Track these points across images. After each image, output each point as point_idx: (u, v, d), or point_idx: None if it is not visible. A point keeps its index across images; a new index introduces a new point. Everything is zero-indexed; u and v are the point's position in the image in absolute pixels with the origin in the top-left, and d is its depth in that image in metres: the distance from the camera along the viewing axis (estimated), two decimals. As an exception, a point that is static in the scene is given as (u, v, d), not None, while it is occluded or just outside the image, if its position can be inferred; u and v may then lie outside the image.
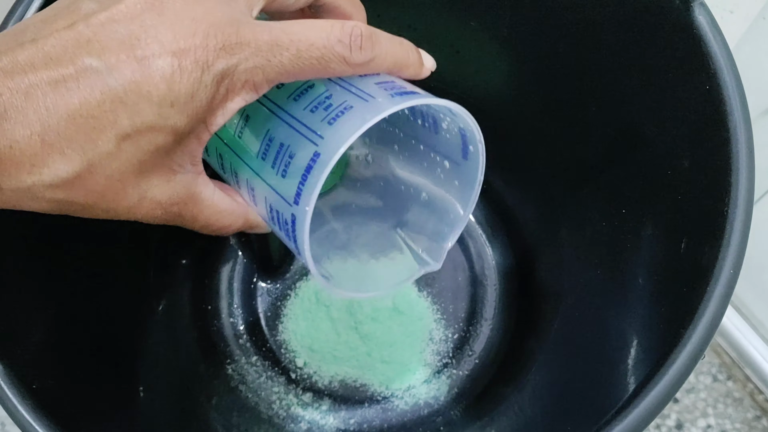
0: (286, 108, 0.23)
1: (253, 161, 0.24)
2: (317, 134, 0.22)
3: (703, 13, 0.26)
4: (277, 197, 0.23)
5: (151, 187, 0.21)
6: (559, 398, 0.35)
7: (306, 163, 0.22)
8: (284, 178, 0.23)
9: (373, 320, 0.47)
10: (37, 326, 0.28)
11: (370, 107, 0.21)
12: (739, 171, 0.25)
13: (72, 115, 0.18)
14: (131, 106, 0.19)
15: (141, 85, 0.19)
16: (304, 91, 0.23)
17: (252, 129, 0.24)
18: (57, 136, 0.19)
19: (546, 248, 0.44)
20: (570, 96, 0.35)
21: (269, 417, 0.44)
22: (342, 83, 0.23)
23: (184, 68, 0.19)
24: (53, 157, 0.19)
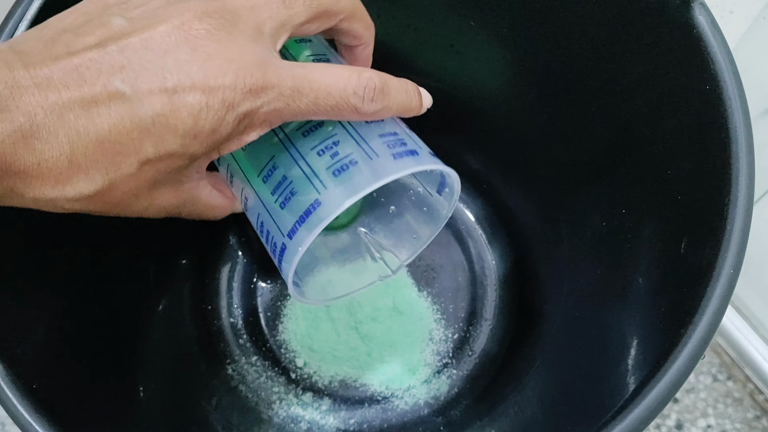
0: (295, 142, 0.24)
1: (254, 178, 0.25)
2: (321, 182, 0.23)
3: (703, 13, 0.26)
4: (271, 221, 0.25)
5: (161, 196, 0.23)
6: (559, 398, 0.35)
7: (306, 206, 0.23)
8: (282, 209, 0.24)
9: (373, 320, 0.47)
10: (37, 326, 0.28)
11: (373, 169, 0.23)
12: (739, 171, 0.25)
13: (101, 140, 0.19)
14: (157, 135, 0.20)
15: (169, 119, 0.20)
16: (314, 129, 0.24)
17: (258, 148, 0.25)
18: (84, 158, 0.19)
19: (546, 248, 0.44)
20: (570, 96, 0.35)
21: (269, 417, 0.44)
22: (350, 129, 0.24)
23: (211, 106, 0.20)
24: (78, 177, 0.20)
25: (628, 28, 0.29)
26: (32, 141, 0.19)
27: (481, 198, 0.50)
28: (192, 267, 0.46)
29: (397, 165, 0.24)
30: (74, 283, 0.32)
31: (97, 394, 0.31)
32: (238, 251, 0.49)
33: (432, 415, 0.45)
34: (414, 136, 0.26)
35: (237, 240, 0.49)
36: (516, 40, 0.36)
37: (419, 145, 0.26)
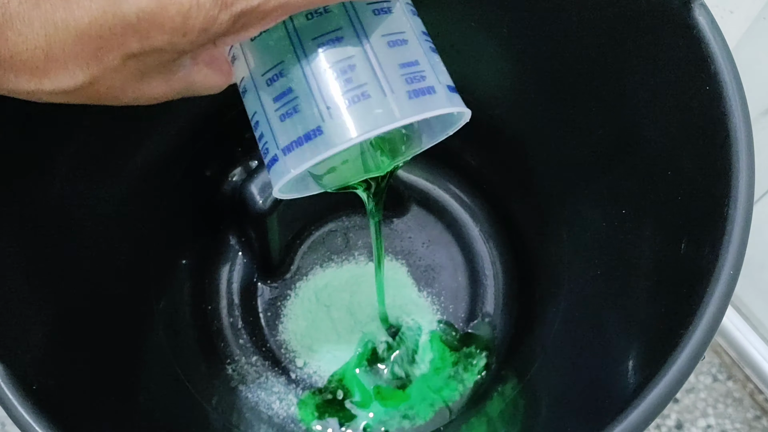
0: (308, 54, 0.22)
1: (258, 76, 0.23)
2: (328, 108, 0.22)
3: (703, 13, 0.26)
4: (267, 127, 0.23)
5: (151, 88, 0.21)
6: (559, 398, 0.35)
7: (307, 130, 0.22)
8: (281, 121, 0.23)
9: (373, 320, 0.47)
10: (37, 326, 0.28)
11: (385, 107, 0.22)
12: (739, 171, 0.25)
13: (80, 34, 0.18)
14: (142, 32, 0.19)
15: (155, 16, 0.18)
16: (331, 43, 0.22)
17: (267, 45, 0.23)
18: (62, 52, 0.18)
19: (546, 248, 0.44)
20: (570, 96, 0.35)
21: (269, 417, 0.44)
22: (369, 51, 0.22)
23: (202, 5, 0.19)
24: (56, 71, 0.19)
25: (628, 28, 0.29)
26: (5, 31, 0.18)
27: (481, 198, 0.50)
28: (192, 267, 0.46)
29: (411, 106, 0.22)
30: (74, 283, 0.32)
31: (97, 394, 0.31)
32: (238, 251, 0.49)
33: (432, 415, 0.45)
34: (435, 59, 0.24)
35: (237, 240, 0.49)
36: (516, 41, 0.36)
37: (438, 75, 0.24)
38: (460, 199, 0.50)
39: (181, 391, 0.39)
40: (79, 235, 0.33)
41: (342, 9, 0.23)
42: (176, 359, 0.40)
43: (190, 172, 0.43)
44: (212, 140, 0.43)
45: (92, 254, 0.34)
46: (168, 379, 0.39)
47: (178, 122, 0.40)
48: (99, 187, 0.35)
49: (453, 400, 0.45)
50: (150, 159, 0.39)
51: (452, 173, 0.51)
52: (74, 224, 0.33)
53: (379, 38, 0.23)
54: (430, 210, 0.51)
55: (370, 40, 0.23)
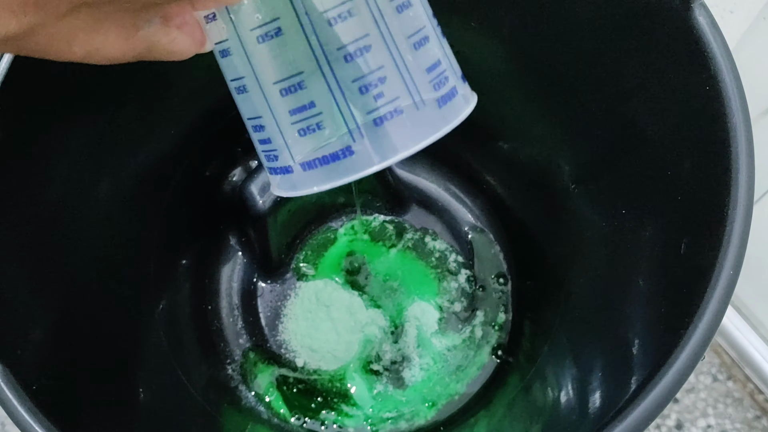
0: (334, 66, 0.20)
1: (268, 84, 0.21)
2: (359, 129, 0.20)
3: (703, 13, 0.26)
4: (280, 137, 0.21)
5: (106, 43, 0.18)
6: (558, 399, 0.35)
7: (335, 150, 0.20)
8: (301, 136, 0.21)
9: (373, 320, 0.47)
10: (37, 326, 0.28)
11: (418, 123, 0.20)
12: (739, 171, 0.25)
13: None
14: None
15: None
16: (359, 54, 0.20)
17: (283, 50, 0.20)
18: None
19: (546, 249, 0.44)
20: (570, 96, 0.35)
21: (269, 417, 0.44)
22: (397, 58, 0.21)
23: None
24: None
25: (629, 28, 0.29)
26: None
27: (481, 197, 0.50)
28: (192, 267, 0.46)
29: (441, 117, 0.21)
30: (74, 283, 0.32)
31: (97, 394, 0.31)
32: (238, 251, 0.49)
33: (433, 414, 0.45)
34: (445, 45, 0.23)
35: (237, 240, 0.49)
36: (516, 41, 0.36)
37: (454, 67, 0.23)
38: (460, 199, 0.50)
39: (181, 391, 0.39)
40: (79, 235, 0.33)
41: (368, 10, 0.20)
42: (176, 359, 0.40)
43: (190, 172, 0.43)
44: (212, 140, 0.43)
45: (92, 254, 0.34)
46: (168, 379, 0.39)
47: (178, 122, 0.40)
48: (99, 187, 0.35)
49: (453, 400, 0.45)
50: (150, 159, 0.39)
51: (452, 173, 0.51)
52: (74, 224, 0.33)
53: (405, 41, 0.21)
54: (430, 210, 0.51)
55: (398, 46, 0.21)
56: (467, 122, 0.26)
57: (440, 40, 0.23)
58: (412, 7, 0.21)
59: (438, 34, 0.23)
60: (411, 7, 0.21)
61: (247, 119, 0.23)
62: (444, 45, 0.23)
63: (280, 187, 0.23)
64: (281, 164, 0.22)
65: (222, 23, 0.21)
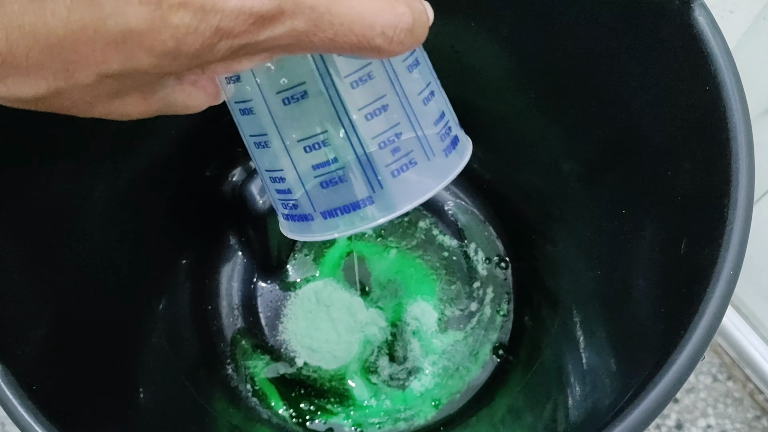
0: (356, 125, 0.21)
1: (292, 140, 0.22)
2: (378, 181, 0.21)
3: (703, 13, 0.26)
4: (301, 188, 0.22)
5: (125, 105, 0.19)
6: (559, 399, 0.35)
7: (355, 200, 0.21)
8: (323, 188, 0.22)
9: (373, 321, 0.47)
10: (37, 326, 0.28)
11: (430, 172, 0.22)
12: (739, 171, 0.25)
13: (51, 45, 0.16)
14: (126, 52, 0.16)
15: (145, 38, 0.16)
16: (377, 113, 0.21)
17: (304, 110, 0.21)
18: (25, 59, 0.16)
19: (546, 249, 0.44)
20: (570, 96, 0.35)
21: (269, 417, 0.44)
22: (411, 115, 0.22)
23: (200, 33, 0.16)
24: (15, 78, 0.16)
25: (629, 28, 0.29)
26: None
27: (480, 197, 0.50)
28: (192, 267, 0.46)
29: (448, 164, 0.22)
30: (74, 283, 0.32)
31: (97, 394, 0.31)
32: (238, 251, 0.49)
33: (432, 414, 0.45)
34: (445, 96, 0.24)
35: (237, 240, 0.49)
36: (516, 41, 0.36)
37: (454, 116, 0.24)
38: (460, 199, 0.50)
39: (181, 391, 0.39)
40: (79, 235, 0.33)
41: (384, 73, 0.21)
42: (176, 359, 0.40)
43: (190, 172, 0.43)
44: (212, 140, 0.43)
45: (92, 254, 0.34)
46: (168, 379, 0.39)
47: (178, 122, 0.40)
48: (99, 187, 0.35)
49: (454, 399, 0.45)
50: (150, 159, 0.39)
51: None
52: (74, 224, 0.33)
53: (416, 99, 0.22)
54: (429, 210, 0.51)
55: (411, 103, 0.22)
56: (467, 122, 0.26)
57: (442, 92, 0.24)
58: (419, 65, 0.23)
59: (439, 87, 0.24)
60: (418, 66, 0.23)
61: (266, 171, 0.23)
62: (444, 97, 0.24)
63: (294, 232, 0.23)
64: (301, 212, 0.23)
65: (246, 85, 0.21)
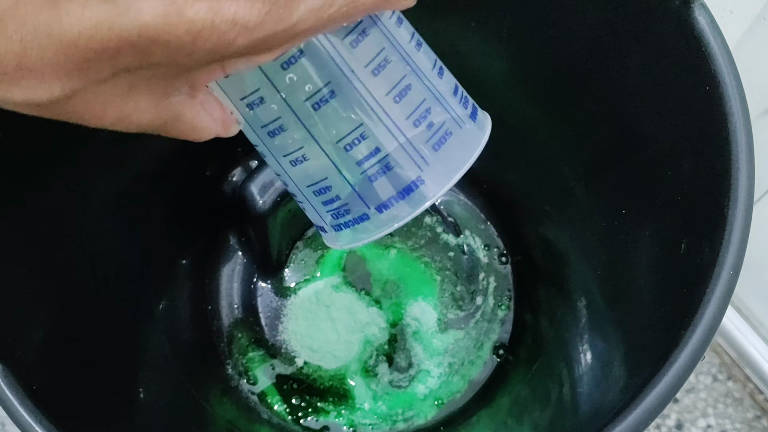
0: (388, 110, 0.21)
1: (327, 143, 0.21)
2: (422, 157, 0.22)
3: (703, 13, 0.26)
4: (347, 186, 0.22)
5: (136, 110, 0.19)
6: (559, 399, 0.35)
7: (407, 182, 0.21)
8: (371, 182, 0.22)
9: (373, 321, 0.47)
10: (37, 326, 0.28)
11: (464, 140, 0.23)
12: (739, 171, 0.25)
13: (65, 45, 0.15)
14: (141, 48, 0.16)
15: (160, 34, 0.16)
16: (404, 93, 0.22)
17: (337, 111, 0.21)
18: (39, 61, 0.16)
19: (546, 249, 0.44)
20: (570, 96, 0.35)
21: (269, 417, 0.44)
22: (433, 89, 0.22)
23: (217, 27, 0.16)
24: (29, 81, 0.16)
25: (628, 28, 0.29)
26: None
27: (481, 197, 0.50)
28: (192, 267, 0.46)
29: (477, 130, 0.23)
30: (74, 283, 0.32)
31: (97, 394, 0.31)
32: (238, 251, 0.49)
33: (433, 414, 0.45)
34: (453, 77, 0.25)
35: (237, 240, 0.49)
36: (516, 41, 0.36)
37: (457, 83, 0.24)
38: (460, 199, 0.50)
39: (181, 391, 0.39)
40: (79, 235, 0.33)
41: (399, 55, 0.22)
42: (176, 359, 0.40)
43: (190, 172, 0.43)
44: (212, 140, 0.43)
45: (92, 254, 0.34)
46: (168, 379, 0.39)
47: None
48: (99, 187, 0.35)
49: (454, 399, 0.45)
50: (150, 159, 0.39)
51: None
52: (74, 224, 0.33)
53: (431, 72, 0.23)
54: (429, 210, 0.51)
55: (429, 78, 0.22)
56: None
57: (446, 69, 0.24)
58: (423, 45, 0.23)
59: (443, 64, 0.24)
60: (423, 45, 0.23)
61: (307, 186, 0.23)
62: (450, 73, 0.25)
63: (351, 240, 0.23)
64: (354, 216, 0.22)
65: (272, 104, 0.21)
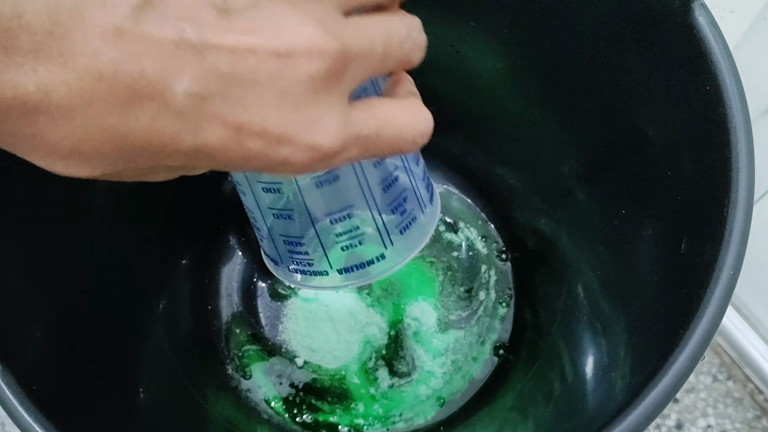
0: (375, 196, 0.24)
1: (321, 218, 0.25)
2: (389, 238, 0.25)
3: (703, 13, 0.26)
4: (319, 248, 0.25)
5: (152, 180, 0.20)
6: (559, 398, 0.35)
7: (370, 257, 0.25)
8: (343, 251, 0.24)
9: (373, 320, 0.47)
10: (37, 326, 0.28)
11: (425, 224, 0.26)
12: (739, 171, 0.25)
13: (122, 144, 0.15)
14: (193, 158, 0.16)
15: (216, 154, 0.16)
16: (391, 185, 0.25)
17: (337, 191, 0.25)
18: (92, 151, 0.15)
19: (546, 249, 0.44)
20: (570, 96, 0.35)
21: (269, 417, 0.44)
22: (412, 180, 0.26)
23: (270, 159, 0.16)
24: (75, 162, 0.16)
25: (628, 28, 0.29)
26: (36, 117, 0.14)
27: (481, 197, 0.50)
28: (192, 267, 0.46)
29: (433, 212, 0.26)
30: (74, 283, 0.32)
31: (97, 394, 0.31)
32: (238, 251, 0.49)
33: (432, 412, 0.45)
34: None
35: (237, 240, 0.49)
36: (516, 41, 0.36)
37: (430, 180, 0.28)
38: (460, 199, 0.50)
39: (181, 391, 0.39)
40: (78, 235, 0.33)
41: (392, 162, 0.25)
42: (176, 359, 0.40)
43: (190, 172, 0.43)
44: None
45: (92, 254, 0.34)
46: (168, 379, 0.39)
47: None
48: (98, 187, 0.35)
49: (454, 399, 0.45)
50: (150, 159, 0.39)
51: (452, 173, 0.51)
52: (74, 224, 0.33)
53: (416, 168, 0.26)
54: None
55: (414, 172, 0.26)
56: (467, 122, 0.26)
57: None
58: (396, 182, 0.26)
59: None
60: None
61: (280, 235, 0.26)
62: None
63: (300, 283, 0.27)
64: (315, 269, 0.26)
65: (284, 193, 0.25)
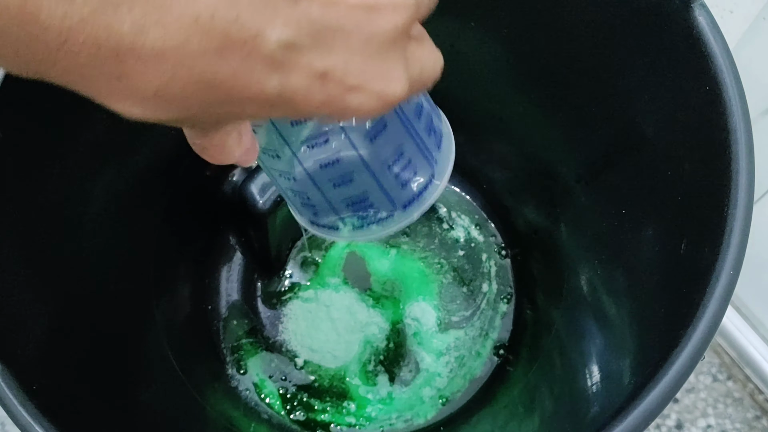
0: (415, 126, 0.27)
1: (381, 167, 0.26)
2: (433, 156, 0.28)
3: (703, 13, 0.26)
4: (331, 210, 0.27)
5: None
6: (559, 399, 0.35)
7: (424, 184, 0.28)
8: (403, 188, 0.27)
9: (373, 320, 0.47)
10: (37, 326, 0.28)
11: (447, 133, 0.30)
12: (739, 171, 0.25)
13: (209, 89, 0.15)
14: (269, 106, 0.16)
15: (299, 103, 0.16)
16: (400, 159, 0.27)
17: (390, 137, 0.26)
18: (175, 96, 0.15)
19: (546, 248, 0.44)
20: (570, 96, 0.35)
21: (269, 417, 0.44)
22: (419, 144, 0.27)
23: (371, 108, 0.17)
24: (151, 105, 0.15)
25: (628, 29, 0.29)
26: (125, 58, 0.14)
27: (481, 197, 0.50)
28: (192, 267, 0.46)
29: (443, 118, 0.29)
30: (74, 283, 0.32)
31: (97, 394, 0.31)
32: (238, 251, 0.49)
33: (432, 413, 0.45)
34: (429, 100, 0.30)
35: (237, 240, 0.49)
36: (516, 41, 0.36)
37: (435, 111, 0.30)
38: (460, 199, 0.50)
39: (181, 391, 0.39)
40: (79, 235, 0.33)
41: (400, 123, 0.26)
42: (176, 359, 0.40)
43: (190, 172, 0.43)
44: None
45: (92, 254, 0.34)
46: (168, 379, 0.39)
47: (178, 122, 0.40)
48: (99, 187, 0.35)
49: (454, 399, 0.45)
50: (150, 158, 0.39)
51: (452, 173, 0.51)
52: (74, 224, 0.33)
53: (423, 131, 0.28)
54: (429, 210, 0.50)
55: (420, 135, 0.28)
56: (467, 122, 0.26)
57: None
58: (424, 108, 0.28)
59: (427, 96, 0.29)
60: (423, 108, 0.28)
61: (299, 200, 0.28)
62: None
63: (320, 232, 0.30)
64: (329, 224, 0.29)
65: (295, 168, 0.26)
